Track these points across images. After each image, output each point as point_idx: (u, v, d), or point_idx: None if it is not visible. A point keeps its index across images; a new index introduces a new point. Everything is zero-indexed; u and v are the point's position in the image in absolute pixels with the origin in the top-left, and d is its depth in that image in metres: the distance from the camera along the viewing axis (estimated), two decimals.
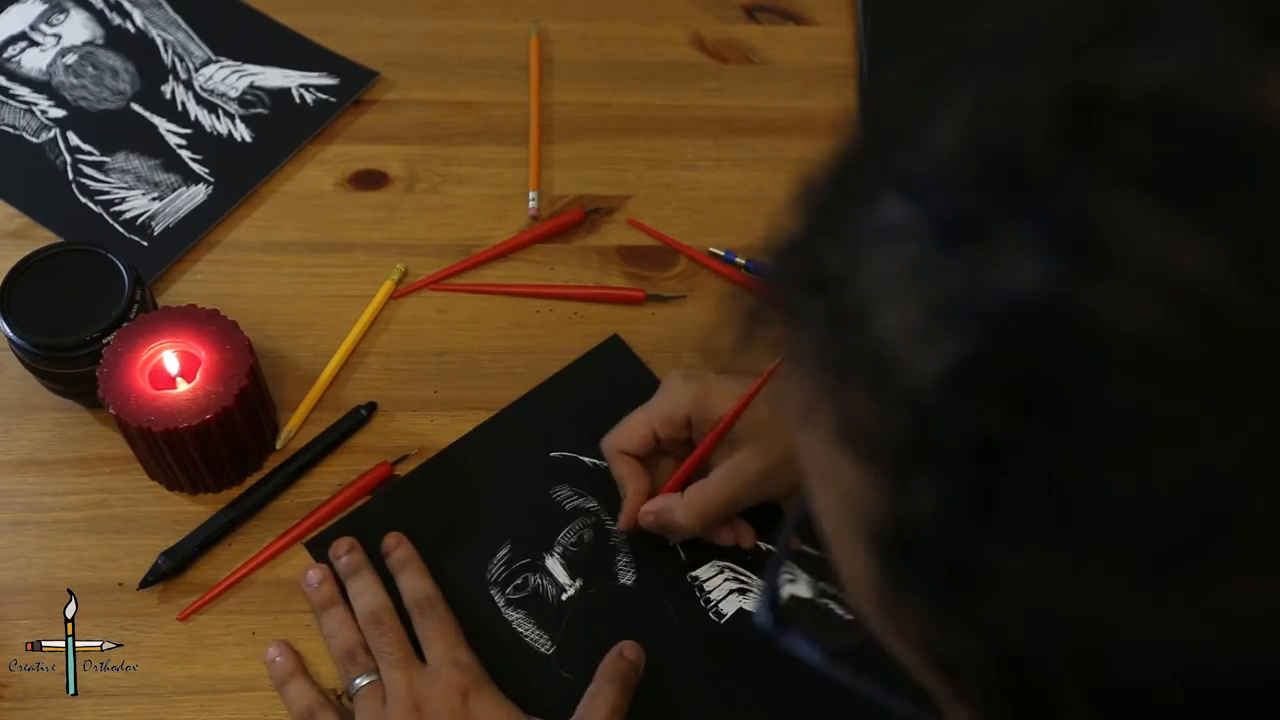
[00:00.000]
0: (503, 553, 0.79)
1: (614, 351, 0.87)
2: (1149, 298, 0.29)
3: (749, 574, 0.79)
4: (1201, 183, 0.30)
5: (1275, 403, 0.29)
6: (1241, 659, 0.30)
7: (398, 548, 0.78)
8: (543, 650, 0.76)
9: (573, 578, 0.79)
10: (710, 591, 0.79)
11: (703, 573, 0.79)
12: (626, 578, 0.79)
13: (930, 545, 0.33)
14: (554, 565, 0.79)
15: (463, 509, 0.80)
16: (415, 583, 0.76)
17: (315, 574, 0.77)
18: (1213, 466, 0.29)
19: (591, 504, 0.81)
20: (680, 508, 0.76)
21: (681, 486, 0.77)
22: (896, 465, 0.33)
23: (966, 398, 0.31)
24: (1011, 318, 0.31)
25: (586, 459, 0.82)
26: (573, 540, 0.80)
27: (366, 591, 0.76)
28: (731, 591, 0.78)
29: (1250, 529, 0.29)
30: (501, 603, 0.77)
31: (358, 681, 0.73)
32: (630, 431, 0.78)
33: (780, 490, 0.76)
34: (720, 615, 0.78)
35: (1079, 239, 0.30)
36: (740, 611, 0.78)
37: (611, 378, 0.86)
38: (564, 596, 0.78)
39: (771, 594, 0.46)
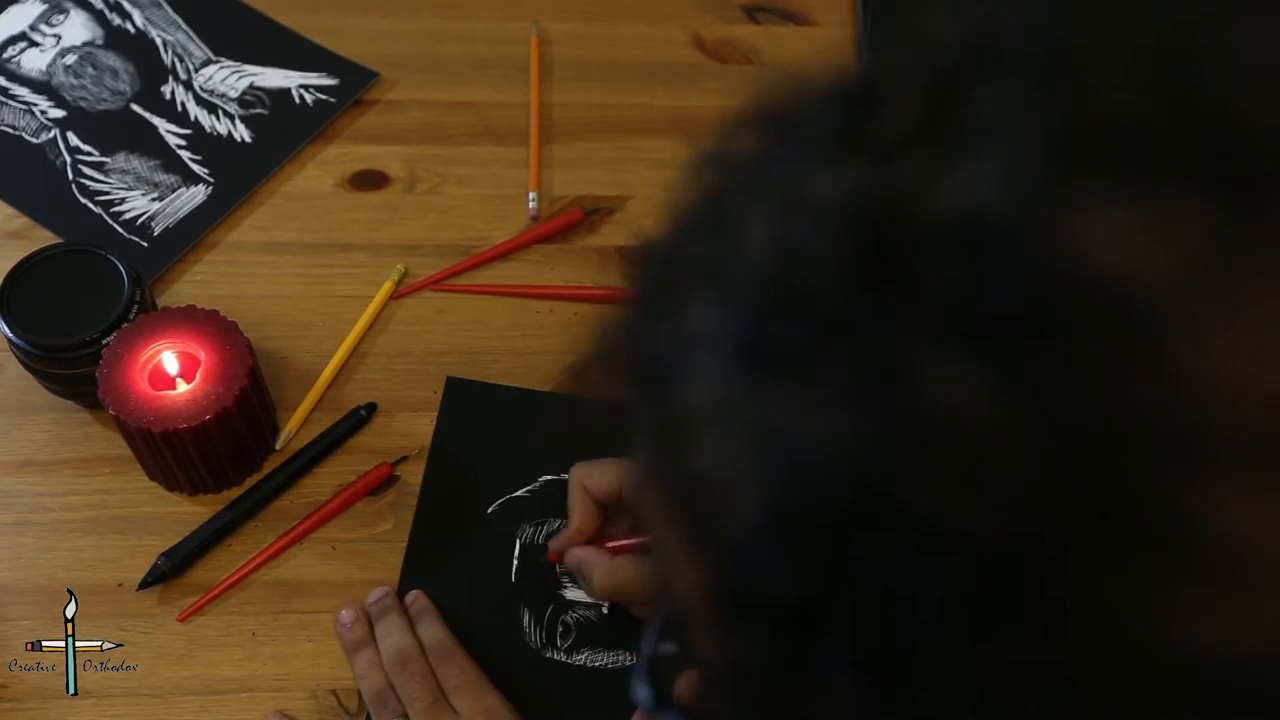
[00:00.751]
0: (526, 618, 0.78)
1: (460, 392, 0.86)
2: (954, 472, 0.27)
3: None
4: (1007, 341, 0.26)
5: (1074, 611, 0.27)
6: None
7: (416, 600, 0.77)
8: (628, 665, 0.76)
9: None
10: None
11: None
12: None
13: (750, 685, 0.32)
14: (574, 594, 0.78)
15: (465, 604, 0.78)
16: (430, 630, 0.75)
17: (348, 614, 0.76)
18: (1026, 654, 0.27)
19: (556, 523, 0.80)
20: (601, 571, 0.74)
21: (616, 554, 0.75)
22: (719, 609, 0.32)
23: (777, 549, 0.29)
24: (813, 470, 0.28)
25: (518, 493, 0.81)
26: (560, 568, 0.79)
27: (394, 632, 0.75)
28: None
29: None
30: (564, 657, 0.77)
31: None
32: (601, 475, 0.76)
33: None
34: None
35: (880, 394, 0.28)
36: None
37: (477, 412, 0.85)
38: (604, 609, 0.78)
39: (650, 675, 0.43)
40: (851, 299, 0.28)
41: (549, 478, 0.82)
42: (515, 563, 0.79)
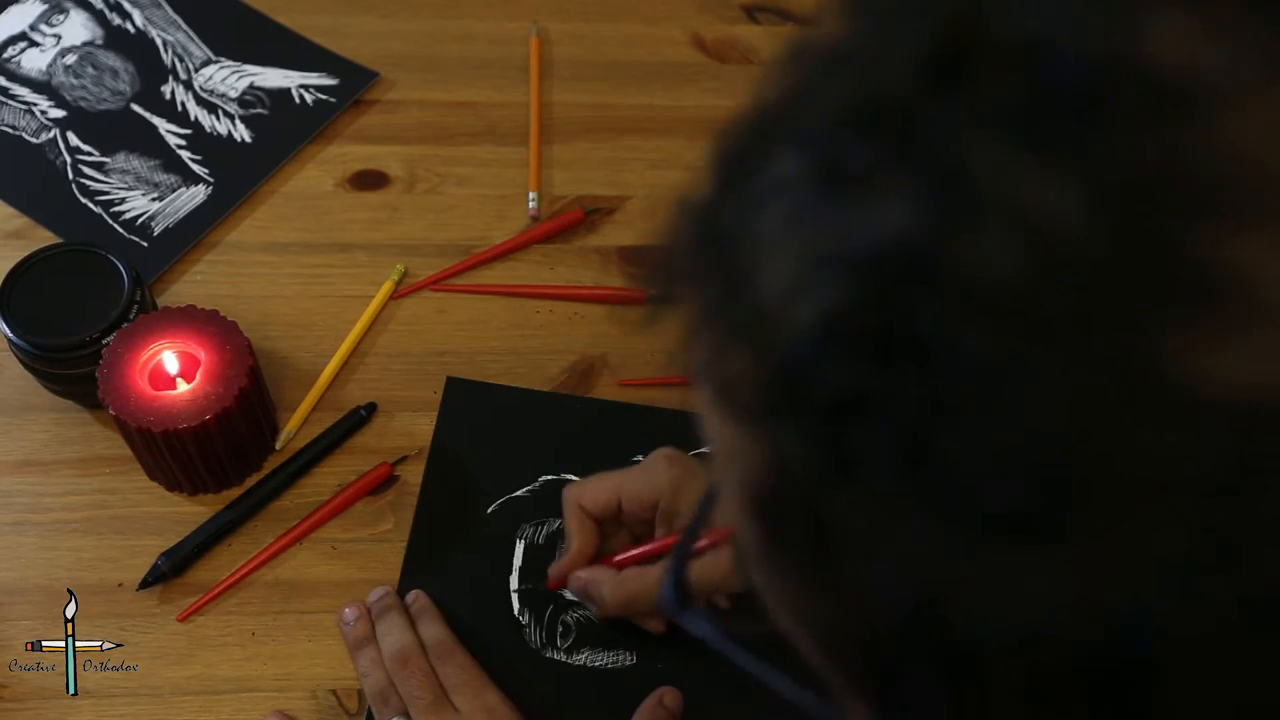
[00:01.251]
0: (525, 618, 0.78)
1: (460, 392, 0.86)
2: (1007, 242, 0.29)
3: None
4: (1063, 123, 0.29)
5: (1114, 355, 0.28)
6: (1087, 629, 0.30)
7: (415, 600, 0.77)
8: (628, 664, 0.76)
9: None
10: None
11: None
12: None
13: (795, 505, 0.32)
14: (570, 594, 0.78)
15: (465, 604, 0.78)
16: (430, 629, 0.75)
17: (351, 612, 0.76)
18: (1060, 424, 0.29)
19: (556, 523, 0.80)
20: (609, 586, 0.73)
21: (622, 567, 0.75)
22: (765, 422, 0.33)
23: (828, 351, 0.31)
24: (872, 265, 0.30)
25: (518, 493, 0.81)
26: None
27: (394, 631, 0.75)
28: None
29: (1100, 489, 0.29)
30: (564, 656, 0.77)
31: None
32: (596, 492, 0.75)
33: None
34: None
35: (943, 183, 0.30)
36: None
37: (476, 412, 0.85)
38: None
39: (677, 573, 0.45)
40: (925, 101, 0.30)
41: (549, 478, 0.82)
42: (516, 563, 0.79)
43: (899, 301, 0.30)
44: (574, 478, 0.82)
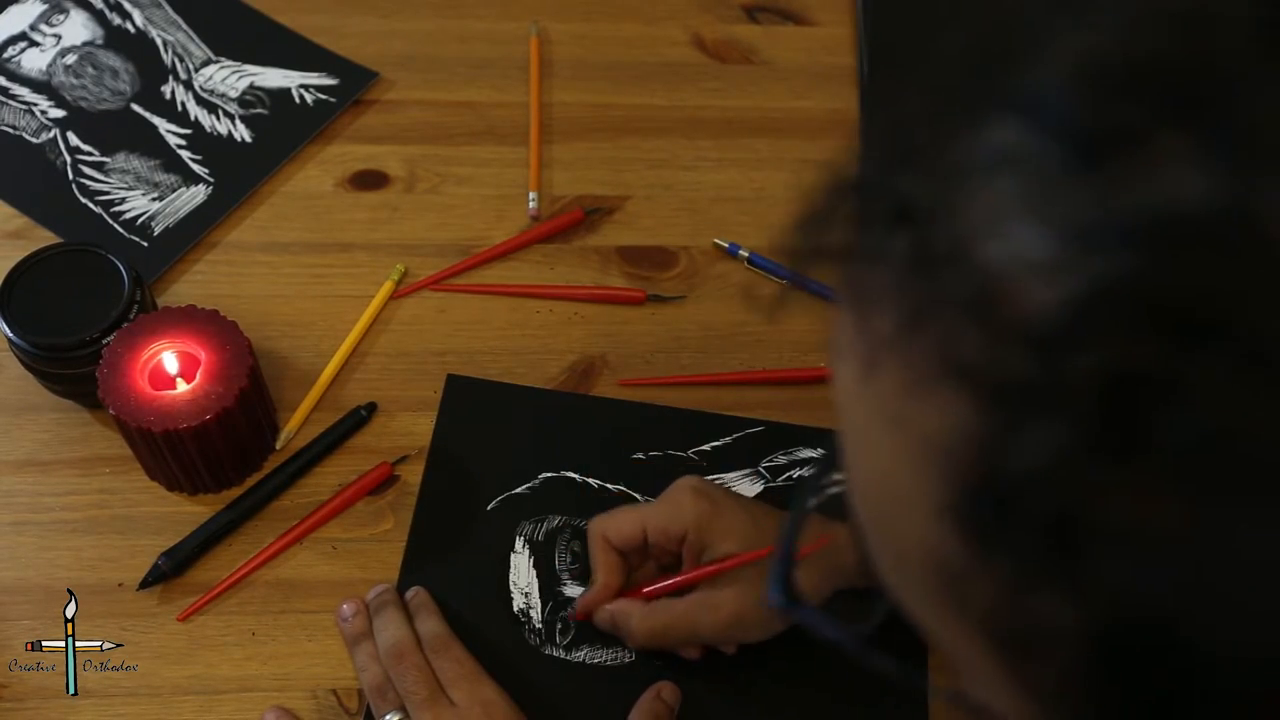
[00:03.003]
0: (524, 614, 0.78)
1: (461, 389, 0.86)
2: None
3: (716, 476, 0.79)
4: None
5: None
6: None
7: (414, 596, 0.77)
8: (627, 662, 0.76)
9: None
10: None
11: None
12: None
13: (1039, 494, 0.29)
14: (573, 590, 0.78)
15: (463, 600, 0.78)
16: (427, 624, 0.75)
17: (349, 607, 0.76)
18: None
19: (555, 520, 0.80)
20: (638, 619, 0.73)
21: (651, 599, 0.74)
22: (1010, 405, 0.30)
23: (1106, 327, 0.28)
24: (1166, 234, 0.28)
25: (517, 490, 0.82)
26: (569, 560, 0.79)
27: (390, 626, 0.75)
28: None
29: None
30: (563, 654, 0.77)
31: (389, 718, 0.72)
32: (621, 524, 0.75)
33: (747, 638, 0.74)
34: None
35: (1254, 146, 0.27)
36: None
37: (478, 410, 0.85)
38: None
39: (784, 570, 0.43)
40: (1239, 59, 0.28)
41: (549, 475, 0.82)
42: (515, 560, 0.79)
43: (1194, 272, 0.27)
44: (574, 475, 0.82)
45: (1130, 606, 0.29)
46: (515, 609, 0.78)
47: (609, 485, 0.81)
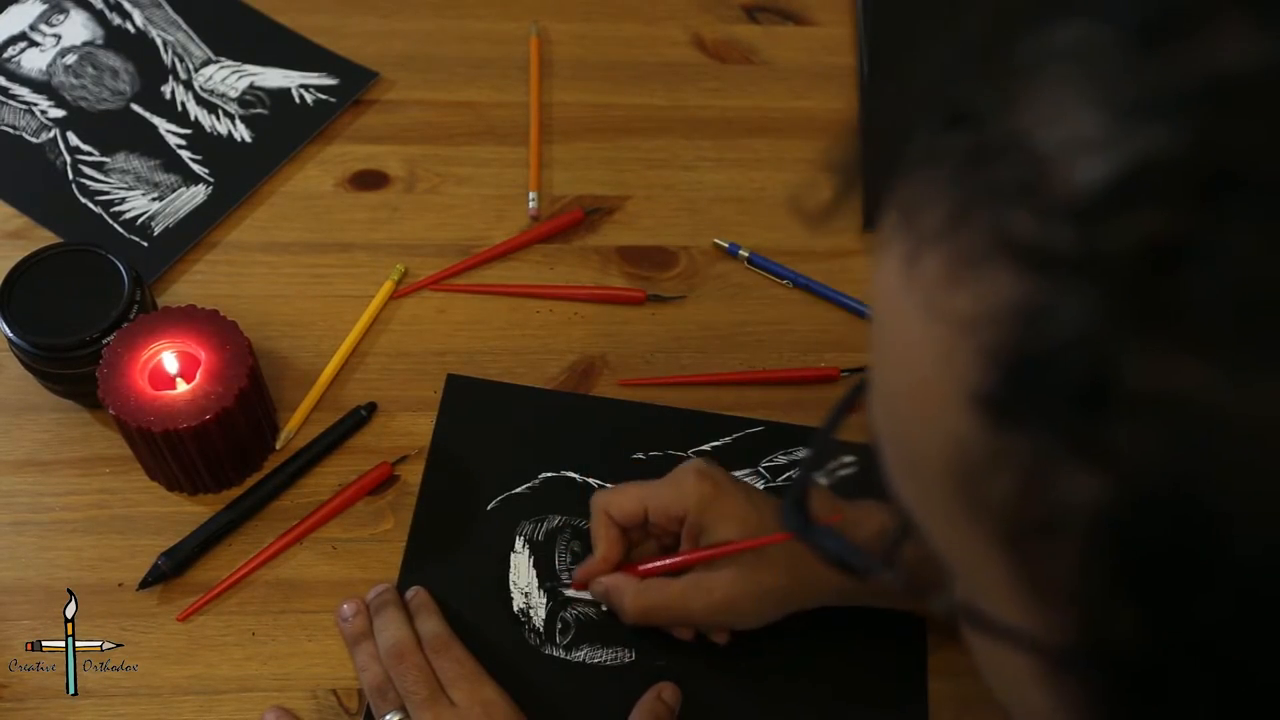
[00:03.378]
0: (524, 614, 0.78)
1: (461, 389, 0.86)
2: None
3: None
4: None
5: None
6: None
7: (414, 596, 0.77)
8: (628, 661, 0.76)
9: None
10: None
11: None
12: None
13: (1073, 362, 0.30)
14: (573, 590, 0.78)
15: (463, 601, 0.78)
16: (428, 624, 0.75)
17: (349, 607, 0.76)
18: None
19: (555, 520, 0.81)
20: (631, 595, 0.74)
21: (646, 577, 0.75)
22: (1050, 275, 0.30)
23: (1143, 196, 0.29)
24: (1210, 98, 0.28)
25: (518, 489, 0.82)
26: (569, 560, 0.79)
27: (390, 626, 0.75)
28: None
29: None
30: (563, 654, 0.77)
31: (389, 718, 0.72)
32: (623, 500, 0.75)
33: (738, 624, 0.74)
34: None
35: None
36: None
37: (478, 410, 0.85)
38: (603, 607, 0.77)
39: (801, 492, 0.44)
40: None
41: (549, 475, 0.82)
42: (515, 559, 0.79)
43: (1232, 133, 0.28)
44: (574, 475, 0.82)
45: (1154, 476, 0.29)
46: (515, 609, 0.78)
47: (609, 485, 0.81)
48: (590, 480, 0.82)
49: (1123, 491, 0.30)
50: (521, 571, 0.79)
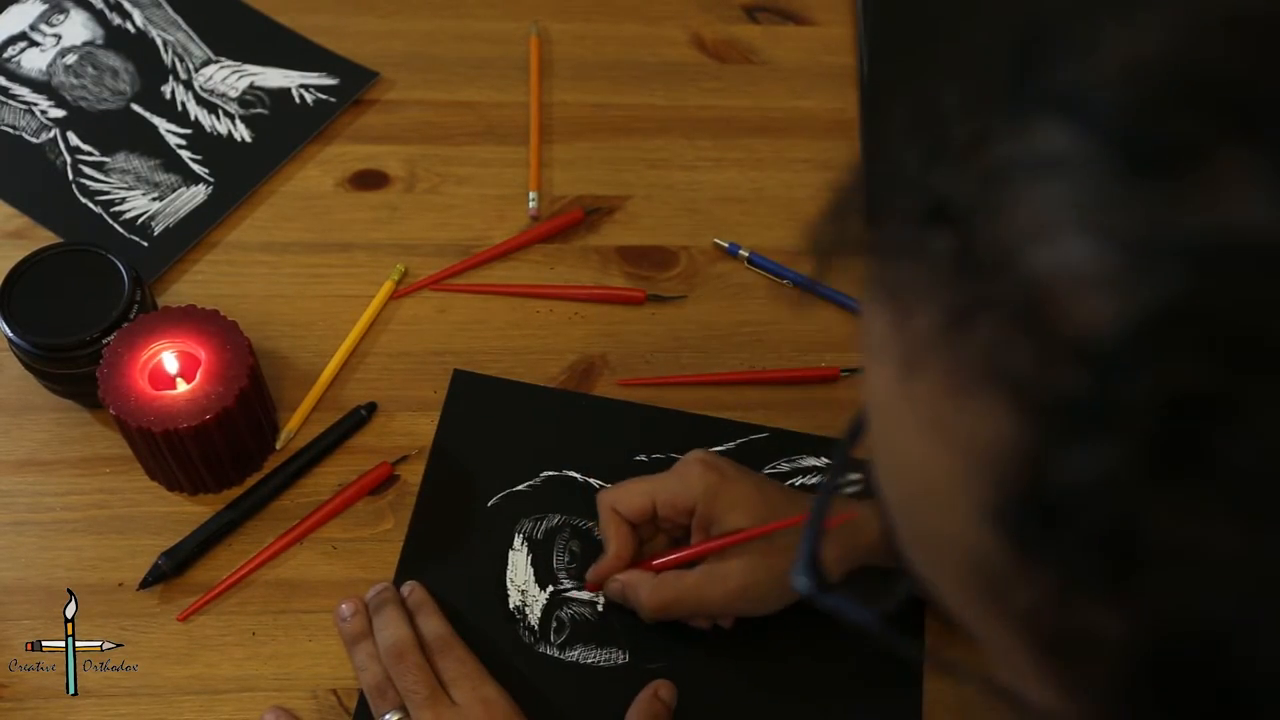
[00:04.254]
0: (520, 612, 0.78)
1: (467, 386, 0.86)
2: None
3: None
4: None
5: None
6: None
7: (413, 592, 0.77)
8: (621, 662, 0.76)
9: None
10: None
11: None
12: None
13: (1090, 510, 0.29)
14: (570, 590, 0.78)
15: (460, 596, 0.78)
16: (429, 623, 0.75)
17: (348, 607, 0.76)
18: None
19: (555, 519, 0.81)
20: (647, 590, 0.74)
21: (660, 571, 0.75)
22: (1062, 420, 0.29)
23: (1168, 347, 0.28)
24: (1232, 256, 0.27)
25: (519, 487, 0.82)
26: (566, 559, 0.79)
27: (390, 625, 0.75)
28: None
29: None
30: (558, 653, 0.77)
31: (388, 717, 0.72)
32: (631, 496, 0.75)
33: (753, 611, 0.74)
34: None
35: None
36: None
37: (483, 407, 0.85)
38: (599, 607, 0.78)
39: (811, 555, 0.43)
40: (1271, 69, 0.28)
41: (551, 473, 0.82)
42: (514, 557, 0.79)
43: (1257, 297, 0.27)
44: (576, 474, 0.82)
45: (1183, 624, 0.29)
46: (511, 606, 0.78)
47: (609, 485, 0.81)
48: (592, 480, 0.81)
49: (1148, 633, 0.30)
50: (519, 569, 0.79)
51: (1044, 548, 0.30)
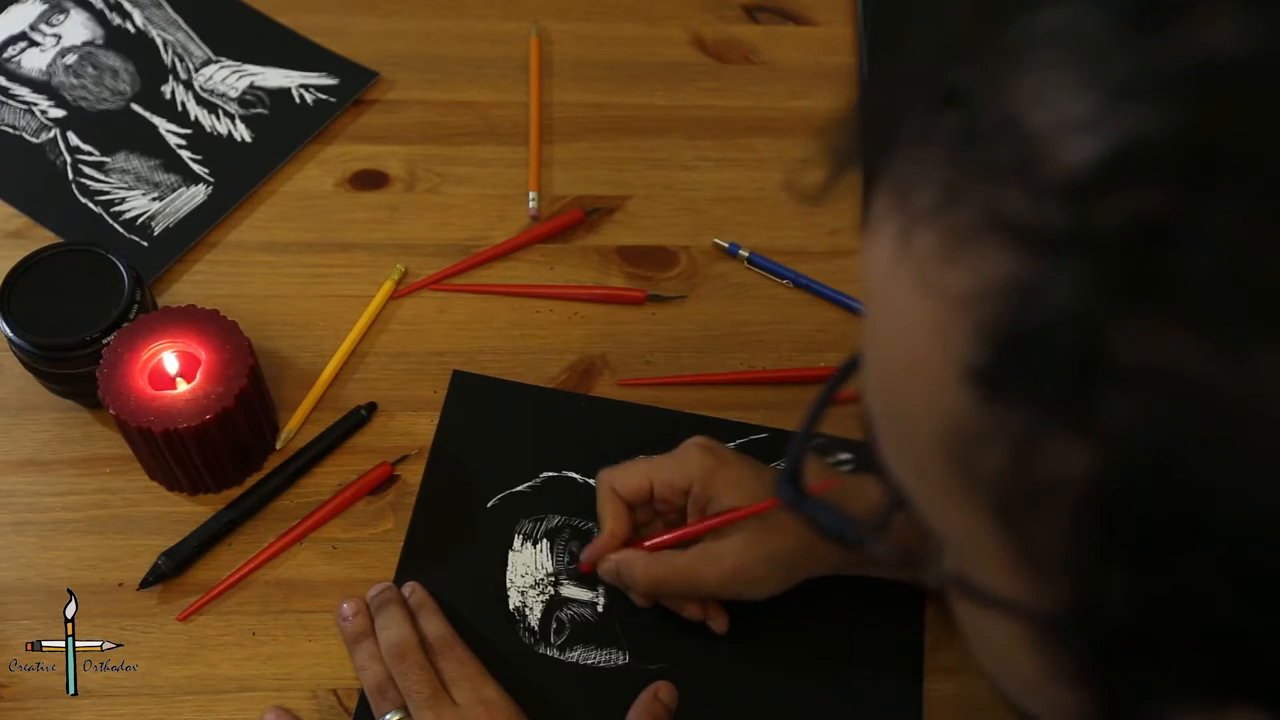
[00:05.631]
0: (519, 613, 0.78)
1: (467, 386, 0.86)
2: None
3: None
4: None
5: None
6: None
7: (414, 593, 0.77)
8: (621, 663, 0.76)
9: (592, 588, 0.78)
10: None
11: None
12: None
13: (1063, 336, 0.31)
14: (570, 590, 0.78)
15: (459, 597, 0.78)
16: (431, 623, 0.76)
17: (349, 606, 0.76)
18: None
19: (555, 520, 0.81)
20: (641, 567, 0.74)
21: (654, 551, 0.75)
22: (1042, 252, 0.31)
23: (1132, 174, 0.30)
24: (1192, 82, 0.29)
25: (519, 488, 0.82)
26: (566, 560, 0.79)
27: (392, 625, 0.75)
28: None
29: None
30: (557, 653, 0.76)
31: (389, 717, 0.72)
32: (628, 476, 0.76)
33: (746, 593, 0.75)
34: None
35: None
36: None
37: (483, 407, 0.85)
38: (599, 608, 0.78)
39: (794, 463, 0.45)
40: None
41: (550, 474, 0.82)
42: (513, 557, 0.79)
43: (1220, 115, 0.29)
44: (575, 475, 0.82)
45: (1142, 447, 0.30)
46: (511, 607, 0.78)
47: None
48: (591, 481, 0.81)
49: (1112, 462, 0.31)
50: (519, 570, 0.79)
51: (1013, 388, 0.32)
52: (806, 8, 1.06)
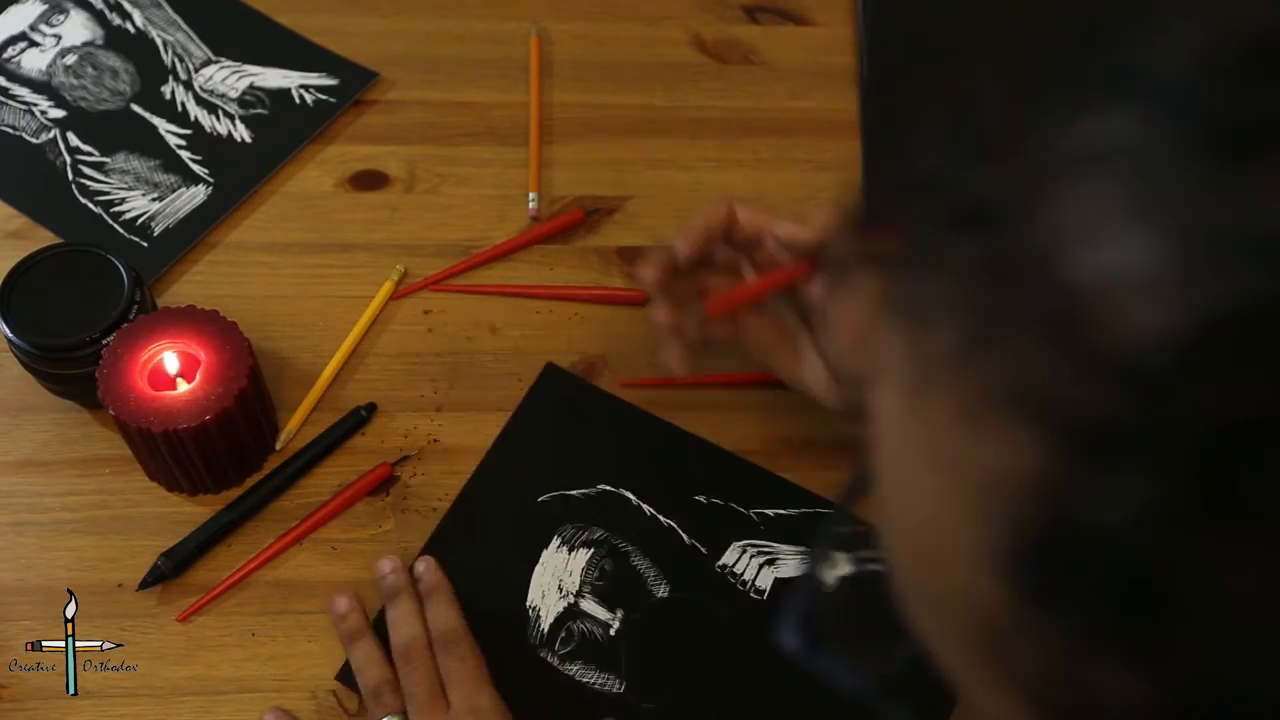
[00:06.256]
0: (534, 612, 0.78)
1: (554, 381, 0.86)
2: None
3: (770, 544, 0.79)
4: None
5: None
6: None
7: (427, 572, 0.77)
8: (615, 691, 0.75)
9: (611, 610, 0.78)
10: (742, 574, 0.78)
11: (728, 558, 0.79)
12: (661, 591, 0.78)
13: (1118, 552, 0.25)
14: (589, 606, 0.78)
15: (483, 579, 0.78)
16: (440, 614, 0.75)
17: (343, 602, 0.76)
18: None
19: (597, 533, 0.80)
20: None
21: (715, 309, 0.77)
22: (1093, 447, 0.25)
23: (1228, 361, 0.24)
24: None
25: (573, 492, 0.81)
26: (595, 575, 0.79)
27: (403, 621, 0.74)
28: (761, 566, 0.79)
29: None
30: (556, 661, 0.76)
31: None
32: (753, 212, 0.74)
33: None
34: (760, 592, 0.78)
35: None
36: (777, 581, 0.78)
37: (563, 405, 0.85)
38: (611, 631, 0.77)
39: (807, 605, 0.39)
40: None
41: (607, 488, 0.82)
42: (545, 555, 0.79)
43: None
44: (630, 496, 0.81)
45: (1216, 685, 0.26)
46: (528, 603, 0.78)
47: (661, 516, 0.81)
48: (644, 506, 0.81)
49: (1177, 695, 0.26)
50: (548, 571, 0.79)
51: (1060, 598, 0.27)
52: (806, 8, 1.06)
